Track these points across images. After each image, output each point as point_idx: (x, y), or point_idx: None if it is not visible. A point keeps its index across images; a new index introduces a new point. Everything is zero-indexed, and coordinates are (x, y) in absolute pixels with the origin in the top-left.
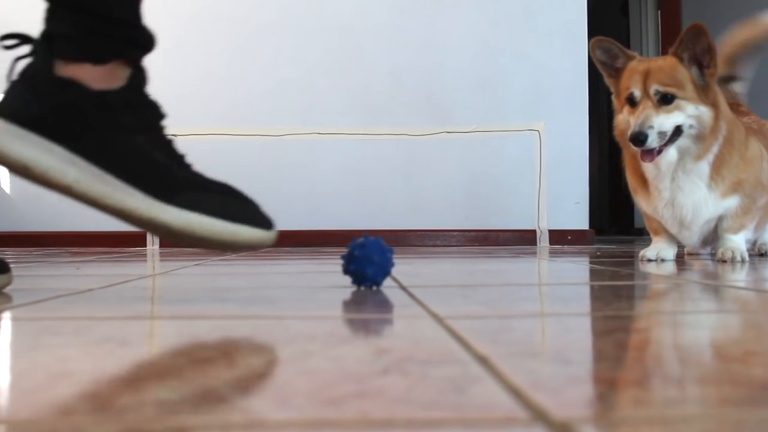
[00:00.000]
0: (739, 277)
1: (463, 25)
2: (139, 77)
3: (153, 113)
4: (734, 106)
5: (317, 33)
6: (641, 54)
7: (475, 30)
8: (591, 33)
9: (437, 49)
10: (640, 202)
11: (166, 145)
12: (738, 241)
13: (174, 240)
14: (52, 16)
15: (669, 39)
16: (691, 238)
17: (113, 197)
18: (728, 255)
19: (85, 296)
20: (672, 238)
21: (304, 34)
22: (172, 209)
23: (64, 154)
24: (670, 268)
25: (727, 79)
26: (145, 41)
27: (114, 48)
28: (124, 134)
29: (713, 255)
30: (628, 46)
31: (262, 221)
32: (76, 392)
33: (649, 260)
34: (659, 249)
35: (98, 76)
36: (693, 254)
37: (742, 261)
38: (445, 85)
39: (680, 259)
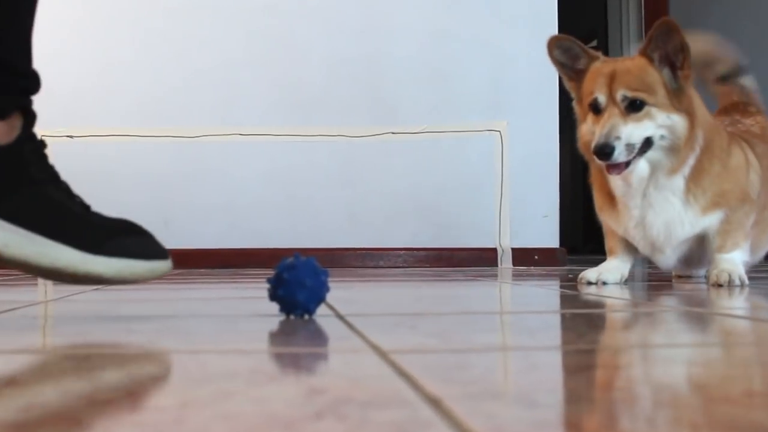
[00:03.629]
0: (735, 303)
1: (410, 7)
2: (31, 124)
3: (47, 158)
4: (740, 105)
5: (238, 15)
6: (621, 46)
7: (424, 12)
8: (562, 17)
9: (380, 35)
10: (608, 221)
11: (69, 191)
12: (734, 262)
13: (98, 284)
14: None
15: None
16: (667, 261)
17: (46, 257)
18: (724, 278)
19: None
20: (626, 261)
21: (222, 17)
22: (103, 259)
23: None
24: (645, 293)
25: (733, 74)
26: (36, 87)
27: (15, 101)
28: (37, 188)
29: (707, 278)
30: (605, 34)
31: (164, 252)
32: None
33: (589, 283)
34: (603, 271)
35: (2, 131)
36: (683, 277)
37: (742, 285)
38: (390, 78)
39: (668, 283)
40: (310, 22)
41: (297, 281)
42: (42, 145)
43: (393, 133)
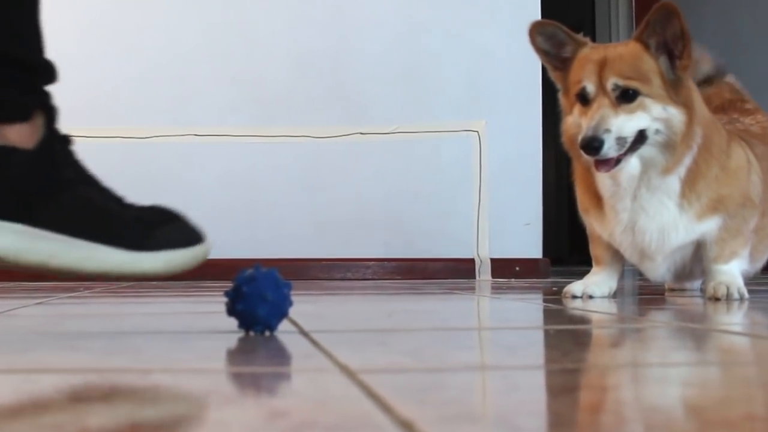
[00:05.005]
0: (734, 318)
1: None
2: (53, 119)
3: (75, 155)
4: (737, 102)
5: (194, 5)
6: (609, 38)
7: (396, 3)
8: (545, 7)
9: (348, 28)
10: (594, 224)
11: (98, 186)
12: (732, 273)
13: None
14: None
15: (645, 16)
16: (656, 270)
17: (92, 261)
18: (722, 291)
19: None
20: (614, 272)
21: (176, 7)
22: (149, 255)
23: (28, 231)
24: (635, 307)
25: (718, 73)
26: (52, 77)
27: (36, 98)
28: (73, 191)
29: (703, 291)
30: (593, 24)
31: (201, 234)
32: None
33: (575, 296)
34: (589, 284)
35: (28, 134)
36: (677, 290)
37: (741, 298)
38: (359, 74)
39: (660, 297)
40: (272, 14)
41: (257, 295)
42: (68, 141)
43: (362, 133)
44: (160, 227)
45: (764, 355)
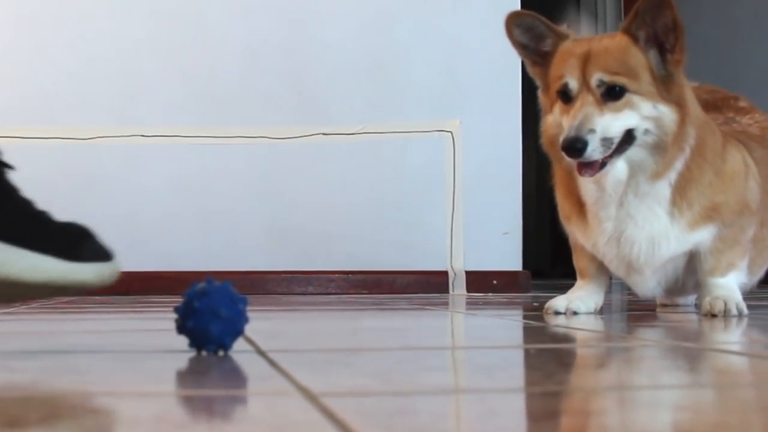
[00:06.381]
0: (731, 337)
1: None
2: None
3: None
4: (730, 100)
5: None
6: (596, 31)
7: None
8: None
9: (309, 18)
10: (576, 233)
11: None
12: (729, 287)
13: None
14: None
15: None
16: (645, 284)
17: (38, 271)
18: (719, 306)
19: None
20: (600, 285)
21: None
22: (83, 266)
23: None
24: (624, 324)
25: None
26: None
27: None
28: (11, 198)
29: (698, 307)
30: (577, 16)
31: (111, 250)
32: None
33: (557, 313)
34: (573, 299)
35: None
36: (669, 305)
37: (740, 314)
38: (321, 69)
39: (651, 313)
40: (225, 3)
41: (210, 310)
42: None
43: (324, 134)
44: (85, 240)
45: (763, 377)
